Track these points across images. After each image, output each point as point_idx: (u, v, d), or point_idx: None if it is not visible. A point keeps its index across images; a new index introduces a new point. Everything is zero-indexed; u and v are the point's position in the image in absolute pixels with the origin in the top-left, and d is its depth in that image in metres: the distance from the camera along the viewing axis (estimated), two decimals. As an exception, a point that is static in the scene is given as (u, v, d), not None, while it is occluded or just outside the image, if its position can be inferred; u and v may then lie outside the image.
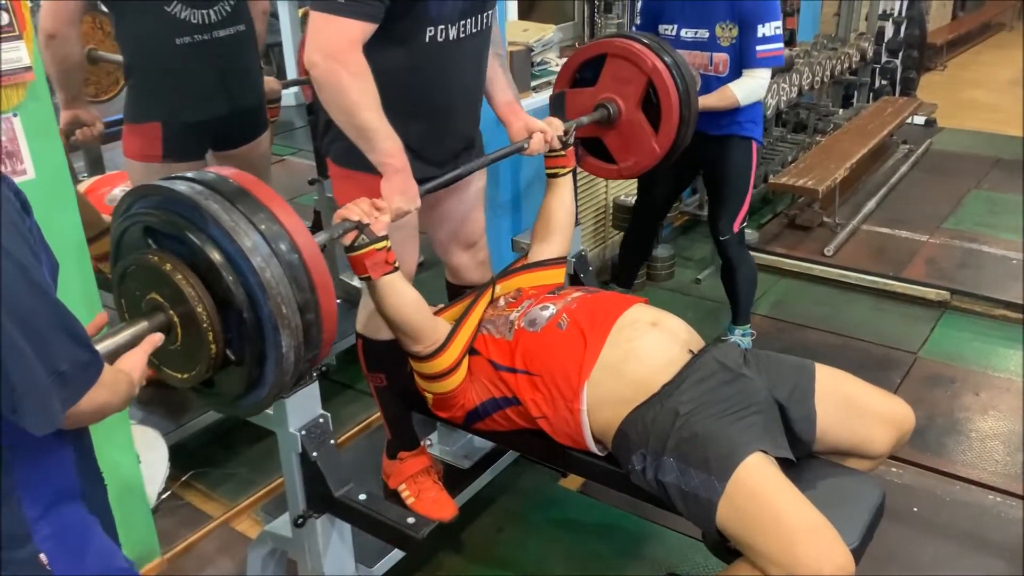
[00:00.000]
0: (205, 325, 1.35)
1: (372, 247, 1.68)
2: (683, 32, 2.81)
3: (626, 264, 3.41)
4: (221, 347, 1.39)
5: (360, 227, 1.67)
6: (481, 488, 2.32)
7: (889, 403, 1.88)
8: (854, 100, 5.66)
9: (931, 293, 3.70)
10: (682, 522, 1.76)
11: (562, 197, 2.25)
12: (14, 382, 1.01)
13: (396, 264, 1.75)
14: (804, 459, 1.81)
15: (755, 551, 1.58)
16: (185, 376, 1.44)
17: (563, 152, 2.21)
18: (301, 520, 1.89)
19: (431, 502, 2.11)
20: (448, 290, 2.32)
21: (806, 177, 4.09)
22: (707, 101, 2.69)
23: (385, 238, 1.70)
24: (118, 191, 2.81)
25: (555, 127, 2.15)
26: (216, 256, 1.34)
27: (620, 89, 2.47)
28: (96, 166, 3.13)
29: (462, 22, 1.85)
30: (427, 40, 1.80)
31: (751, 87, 2.77)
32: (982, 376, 3.16)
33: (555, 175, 2.24)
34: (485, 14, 1.92)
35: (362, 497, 1.97)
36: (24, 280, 1.03)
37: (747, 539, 1.60)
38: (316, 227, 3.49)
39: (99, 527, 1.25)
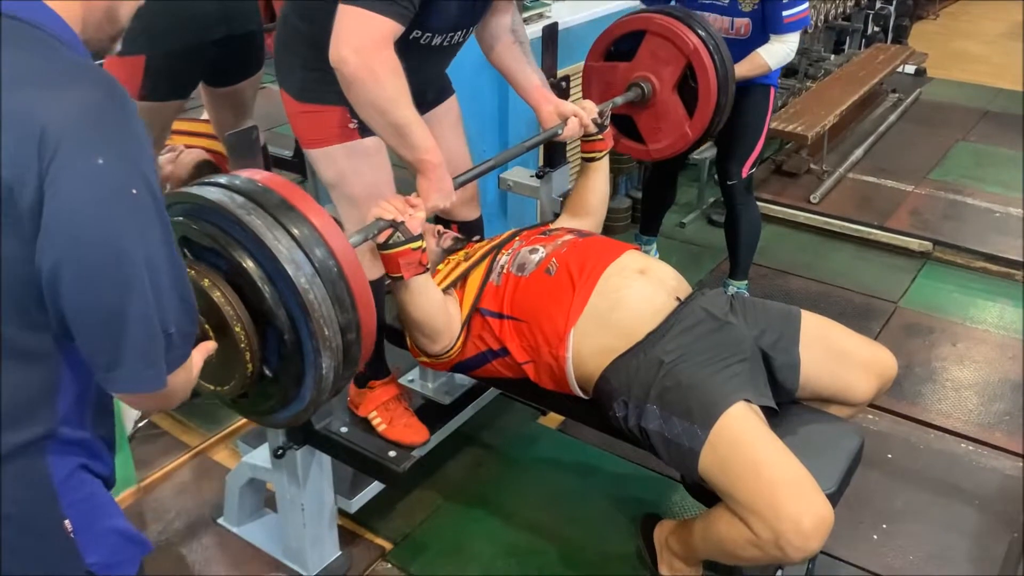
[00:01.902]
0: (243, 345, 1.30)
1: (407, 246, 1.64)
2: None
3: (648, 211, 3.35)
4: (258, 365, 1.34)
5: (395, 225, 1.63)
6: (461, 425, 2.32)
7: (872, 351, 1.89)
8: (846, 46, 5.59)
9: (914, 243, 3.70)
10: (660, 462, 1.76)
11: (595, 183, 2.18)
12: (130, 325, 0.93)
13: (428, 266, 1.72)
14: (786, 405, 1.82)
15: (736, 500, 1.59)
16: (218, 389, 1.40)
17: (599, 135, 2.12)
18: (281, 451, 1.89)
19: (403, 427, 2.09)
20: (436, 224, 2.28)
21: (796, 123, 4.05)
22: (739, 70, 2.58)
23: (420, 237, 1.66)
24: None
25: (588, 110, 2.07)
26: (258, 275, 1.29)
27: (657, 69, 2.38)
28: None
29: (450, 34, 1.82)
30: (409, 38, 1.74)
31: (782, 53, 2.73)
32: (960, 327, 3.19)
33: (592, 159, 2.16)
34: (472, 27, 1.89)
35: (343, 430, 1.97)
36: (161, 224, 0.95)
37: (728, 488, 1.61)
38: (298, 157, 3.42)
39: (111, 498, 1.15)
